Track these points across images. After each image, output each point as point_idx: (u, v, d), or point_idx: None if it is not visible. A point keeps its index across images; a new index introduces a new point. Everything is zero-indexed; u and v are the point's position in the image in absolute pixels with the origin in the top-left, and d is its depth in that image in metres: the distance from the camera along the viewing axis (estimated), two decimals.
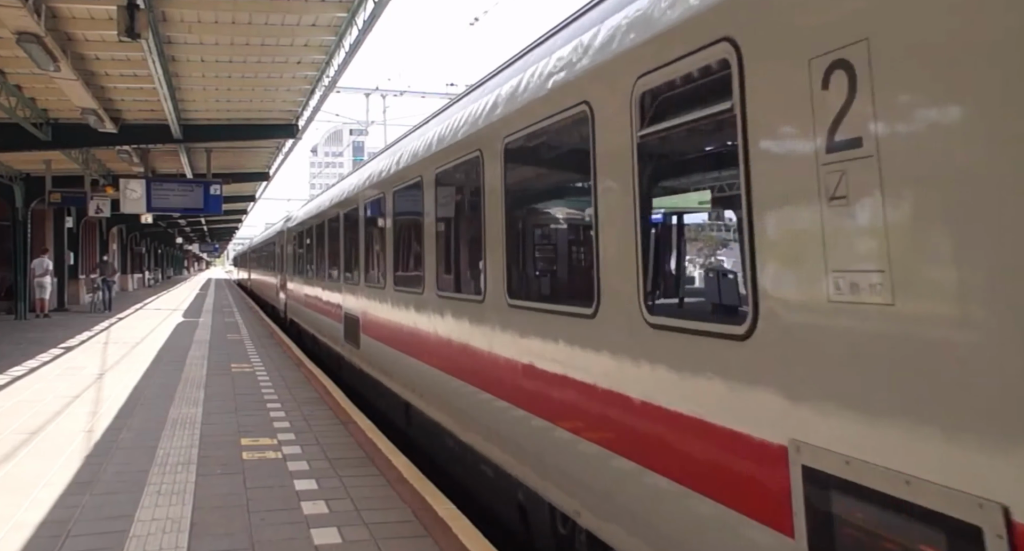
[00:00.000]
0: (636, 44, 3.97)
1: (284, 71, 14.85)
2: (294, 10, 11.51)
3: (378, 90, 40.52)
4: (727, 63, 3.20)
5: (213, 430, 8.41)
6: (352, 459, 7.23)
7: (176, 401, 10.17)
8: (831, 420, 2.64)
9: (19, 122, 15.86)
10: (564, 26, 5.39)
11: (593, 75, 4.42)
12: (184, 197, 21.07)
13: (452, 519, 5.53)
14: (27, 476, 6.61)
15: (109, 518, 5.53)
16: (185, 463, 7.03)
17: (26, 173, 23.98)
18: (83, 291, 31.58)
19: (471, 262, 6.60)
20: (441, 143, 7.24)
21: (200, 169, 23.00)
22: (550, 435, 4.82)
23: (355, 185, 12.00)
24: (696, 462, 3.40)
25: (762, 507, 2.96)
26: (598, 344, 4.27)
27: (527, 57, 5.85)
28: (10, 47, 11.43)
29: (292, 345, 17.43)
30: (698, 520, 3.38)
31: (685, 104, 3.64)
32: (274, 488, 6.27)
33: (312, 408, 9.76)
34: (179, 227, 53.77)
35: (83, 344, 17.19)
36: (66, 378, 12.19)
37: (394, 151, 9.80)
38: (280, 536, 5.17)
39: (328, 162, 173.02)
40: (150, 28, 10.16)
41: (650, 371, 3.79)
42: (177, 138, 18.42)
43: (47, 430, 8.43)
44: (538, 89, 5.12)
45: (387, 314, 9.40)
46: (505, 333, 5.58)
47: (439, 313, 7.22)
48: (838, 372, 2.62)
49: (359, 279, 11.24)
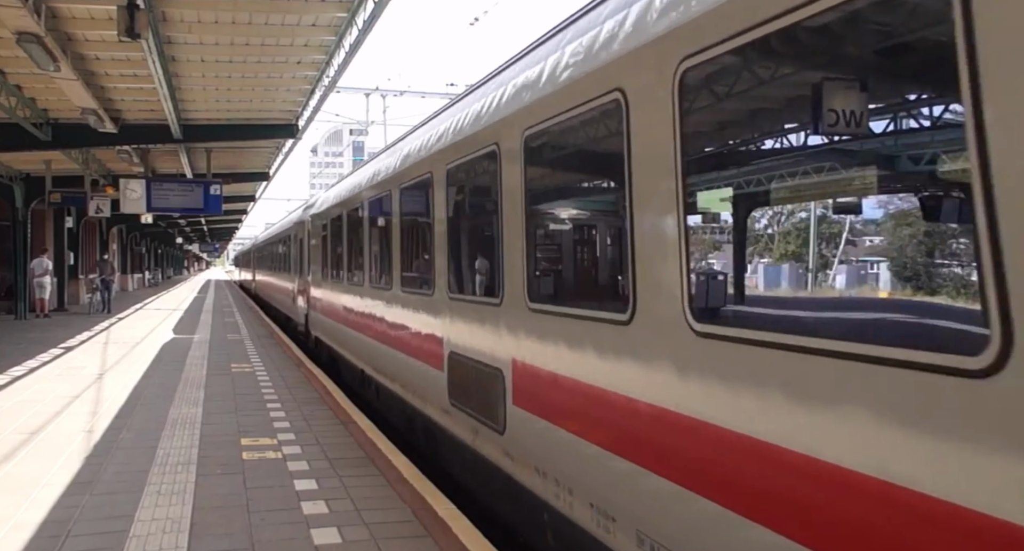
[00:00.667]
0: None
1: (284, 71, 14.85)
2: (294, 10, 11.51)
3: (378, 90, 40.47)
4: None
5: (213, 430, 8.41)
6: (352, 459, 7.23)
7: (176, 401, 10.17)
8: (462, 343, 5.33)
9: (19, 122, 15.86)
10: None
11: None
12: (184, 197, 21.07)
13: (452, 519, 5.53)
14: (27, 476, 6.61)
15: (109, 518, 5.54)
16: (185, 463, 7.03)
17: (26, 173, 23.97)
18: (83, 291, 31.58)
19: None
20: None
21: (200, 169, 23.00)
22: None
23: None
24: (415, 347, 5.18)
25: (437, 362, 6.91)
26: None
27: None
28: (10, 47, 11.43)
29: (292, 345, 17.41)
30: (401, 364, 6.32)
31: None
32: (274, 488, 6.27)
33: (312, 408, 9.76)
34: (179, 227, 53.76)
35: (83, 344, 17.19)
36: (66, 378, 12.19)
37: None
38: (280, 536, 5.17)
39: (328, 162, 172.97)
40: (150, 28, 10.16)
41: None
42: (177, 138, 18.42)
43: (47, 430, 8.43)
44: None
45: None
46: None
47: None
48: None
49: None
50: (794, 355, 2.85)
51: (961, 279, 2.52)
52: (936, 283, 2.75)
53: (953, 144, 2.44)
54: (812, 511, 2.74)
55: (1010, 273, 2.06)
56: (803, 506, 2.78)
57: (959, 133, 2.22)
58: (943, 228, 2.70)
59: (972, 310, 2.23)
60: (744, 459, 3.10)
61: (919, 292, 2.81)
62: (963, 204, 2.29)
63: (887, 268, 2.97)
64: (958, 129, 2.24)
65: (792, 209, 3.57)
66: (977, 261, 2.16)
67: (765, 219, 3.80)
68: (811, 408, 2.75)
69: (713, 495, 3.29)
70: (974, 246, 2.17)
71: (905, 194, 2.95)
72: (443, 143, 7.04)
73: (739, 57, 3.19)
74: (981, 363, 2.13)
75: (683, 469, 3.53)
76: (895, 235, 2.94)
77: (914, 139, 2.82)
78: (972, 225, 2.16)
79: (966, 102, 2.17)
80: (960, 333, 2.36)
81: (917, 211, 2.84)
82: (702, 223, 3.80)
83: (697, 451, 3.43)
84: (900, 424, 2.40)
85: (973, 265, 2.21)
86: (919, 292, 2.81)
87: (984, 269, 2.13)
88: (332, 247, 13.91)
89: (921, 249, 2.81)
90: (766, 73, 3.40)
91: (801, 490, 2.79)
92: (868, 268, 3.08)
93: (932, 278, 2.78)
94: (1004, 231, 2.08)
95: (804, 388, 2.79)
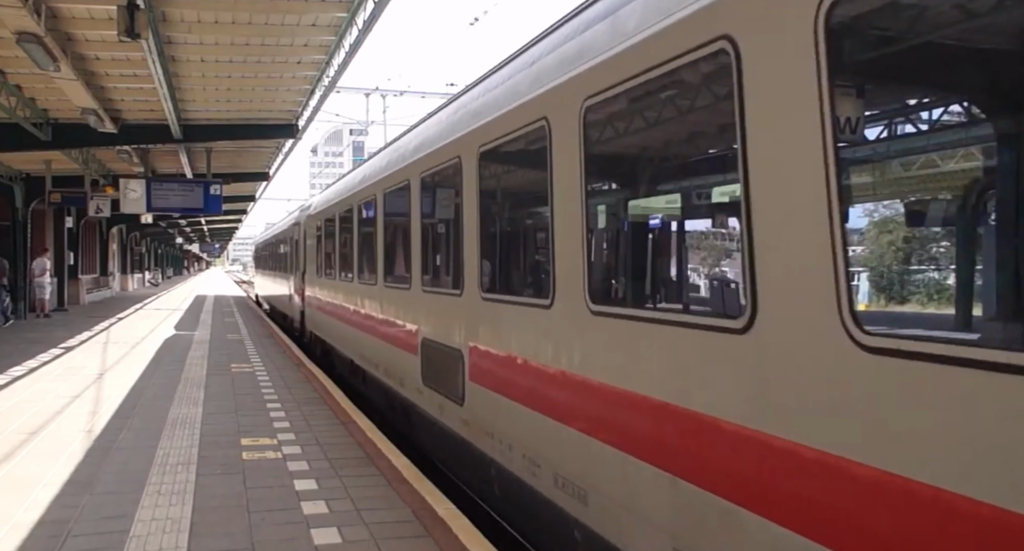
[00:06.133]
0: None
1: (284, 71, 14.85)
2: (294, 10, 11.51)
3: (378, 90, 40.43)
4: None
5: (213, 430, 8.41)
6: (352, 459, 7.23)
7: (176, 401, 10.17)
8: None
9: (19, 122, 15.85)
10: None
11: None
12: (184, 197, 21.04)
13: (452, 519, 5.53)
14: (27, 476, 6.61)
15: (109, 518, 5.53)
16: (185, 463, 7.03)
17: (26, 173, 23.96)
18: (83, 291, 31.56)
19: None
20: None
21: (200, 169, 22.98)
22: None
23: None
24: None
25: (411, 347, 7.98)
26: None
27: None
28: (10, 47, 11.42)
29: (292, 345, 17.42)
30: (383, 351, 7.35)
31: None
32: (274, 488, 6.27)
33: (312, 408, 9.76)
34: (179, 227, 53.75)
35: (83, 344, 17.18)
36: (66, 378, 12.19)
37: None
38: (280, 536, 5.17)
39: (328, 162, 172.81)
40: (150, 28, 10.16)
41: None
42: (177, 138, 18.42)
43: (47, 430, 8.43)
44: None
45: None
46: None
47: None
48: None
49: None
50: (643, 324, 3.95)
51: (736, 270, 3.52)
52: (725, 272, 4.00)
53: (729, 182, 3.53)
54: (639, 430, 3.91)
55: (758, 268, 3.05)
56: (640, 429, 3.91)
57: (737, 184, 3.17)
58: (718, 240, 4.18)
59: (739, 290, 3.27)
60: (619, 406, 4.09)
61: (714, 279, 4.10)
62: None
63: (698, 264, 4.45)
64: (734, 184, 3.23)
65: (652, 215, 4.71)
66: (741, 260, 3.16)
67: (636, 222, 4.78)
68: (653, 361, 3.80)
69: (603, 437, 4.26)
70: (742, 251, 3.15)
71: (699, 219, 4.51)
72: (418, 154, 8.25)
73: (616, 100, 4.10)
74: (739, 324, 3.13)
75: (584, 419, 4.48)
76: (708, 246, 4.37)
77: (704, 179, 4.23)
78: (742, 238, 3.15)
79: (740, 158, 3.12)
80: (733, 305, 3.44)
81: (715, 231, 4.20)
82: (599, 227, 4.77)
83: (592, 405, 4.39)
84: (696, 366, 3.46)
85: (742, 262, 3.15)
86: (714, 279, 4.10)
87: (744, 265, 3.11)
88: (324, 247, 15.35)
89: (714, 255, 4.25)
90: (635, 113, 4.38)
91: (640, 418, 3.91)
92: (688, 262, 4.52)
93: (724, 269, 4.06)
94: (756, 242, 3.07)
95: (649, 347, 3.84)
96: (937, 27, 2.61)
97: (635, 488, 3.95)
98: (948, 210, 3.21)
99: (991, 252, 2.81)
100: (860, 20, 2.69)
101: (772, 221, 2.98)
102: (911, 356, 2.32)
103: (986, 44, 2.61)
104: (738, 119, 3.11)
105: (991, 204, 2.91)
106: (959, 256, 3.08)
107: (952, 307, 3.00)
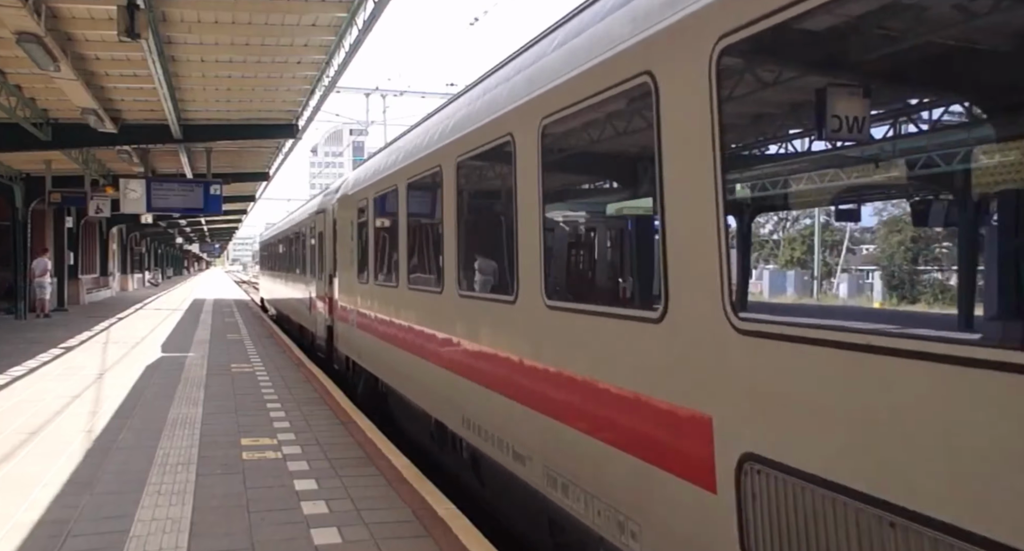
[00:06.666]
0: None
1: (284, 71, 14.85)
2: (294, 10, 11.51)
3: (378, 90, 40.56)
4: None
5: (213, 430, 8.41)
6: (352, 459, 7.23)
7: (176, 401, 10.17)
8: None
9: (19, 122, 15.85)
10: None
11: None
12: (184, 197, 21.05)
13: (452, 519, 5.53)
14: (27, 476, 6.61)
15: (109, 518, 5.54)
16: (185, 463, 7.03)
17: (26, 173, 23.96)
18: (82, 291, 31.56)
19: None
20: None
21: (200, 169, 22.98)
22: None
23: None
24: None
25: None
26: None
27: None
28: (10, 47, 11.42)
29: (292, 345, 17.42)
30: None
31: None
32: (274, 488, 6.27)
33: (312, 408, 9.76)
34: (179, 227, 53.75)
35: (83, 344, 17.19)
36: (66, 378, 12.19)
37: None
38: (280, 536, 5.18)
39: (328, 162, 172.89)
40: (150, 28, 10.16)
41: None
42: (177, 138, 18.41)
43: (47, 430, 8.43)
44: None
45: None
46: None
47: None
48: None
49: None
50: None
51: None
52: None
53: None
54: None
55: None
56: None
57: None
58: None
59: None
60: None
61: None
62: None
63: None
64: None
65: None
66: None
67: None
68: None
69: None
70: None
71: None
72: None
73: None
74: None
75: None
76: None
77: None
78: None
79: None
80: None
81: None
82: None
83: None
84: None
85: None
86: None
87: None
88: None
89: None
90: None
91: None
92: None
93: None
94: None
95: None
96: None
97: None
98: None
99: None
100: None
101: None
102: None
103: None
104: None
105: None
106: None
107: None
